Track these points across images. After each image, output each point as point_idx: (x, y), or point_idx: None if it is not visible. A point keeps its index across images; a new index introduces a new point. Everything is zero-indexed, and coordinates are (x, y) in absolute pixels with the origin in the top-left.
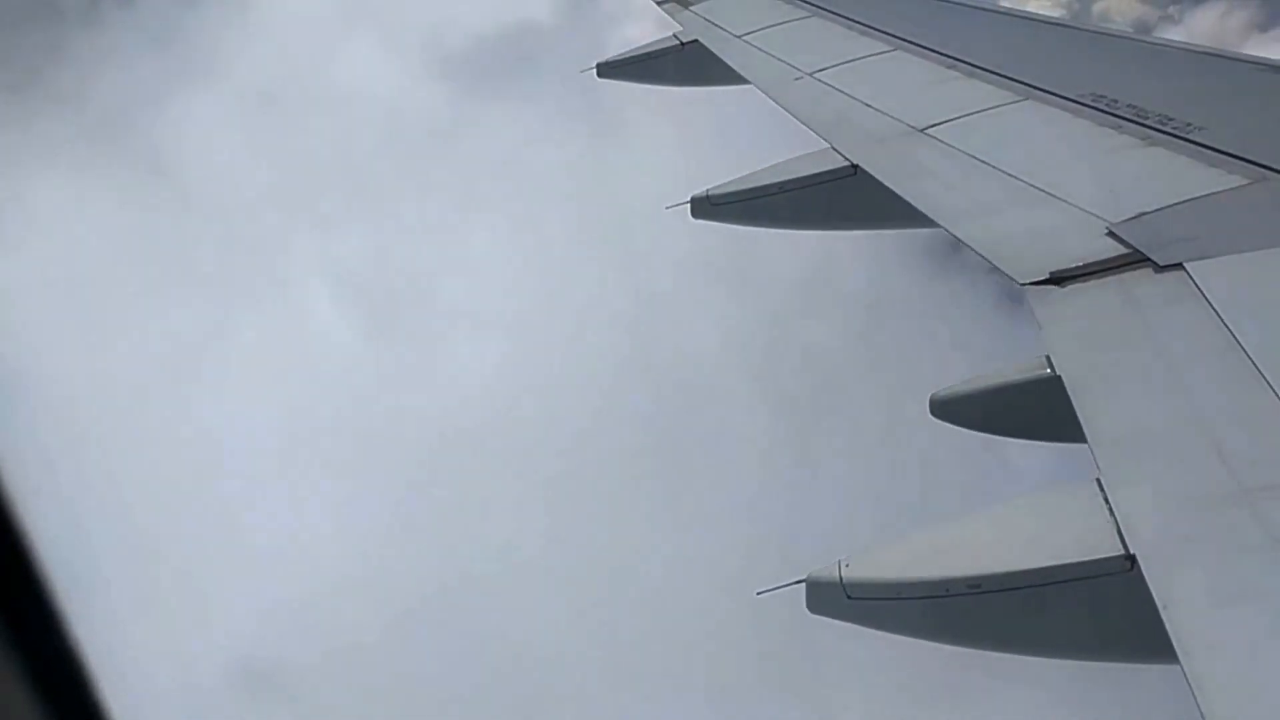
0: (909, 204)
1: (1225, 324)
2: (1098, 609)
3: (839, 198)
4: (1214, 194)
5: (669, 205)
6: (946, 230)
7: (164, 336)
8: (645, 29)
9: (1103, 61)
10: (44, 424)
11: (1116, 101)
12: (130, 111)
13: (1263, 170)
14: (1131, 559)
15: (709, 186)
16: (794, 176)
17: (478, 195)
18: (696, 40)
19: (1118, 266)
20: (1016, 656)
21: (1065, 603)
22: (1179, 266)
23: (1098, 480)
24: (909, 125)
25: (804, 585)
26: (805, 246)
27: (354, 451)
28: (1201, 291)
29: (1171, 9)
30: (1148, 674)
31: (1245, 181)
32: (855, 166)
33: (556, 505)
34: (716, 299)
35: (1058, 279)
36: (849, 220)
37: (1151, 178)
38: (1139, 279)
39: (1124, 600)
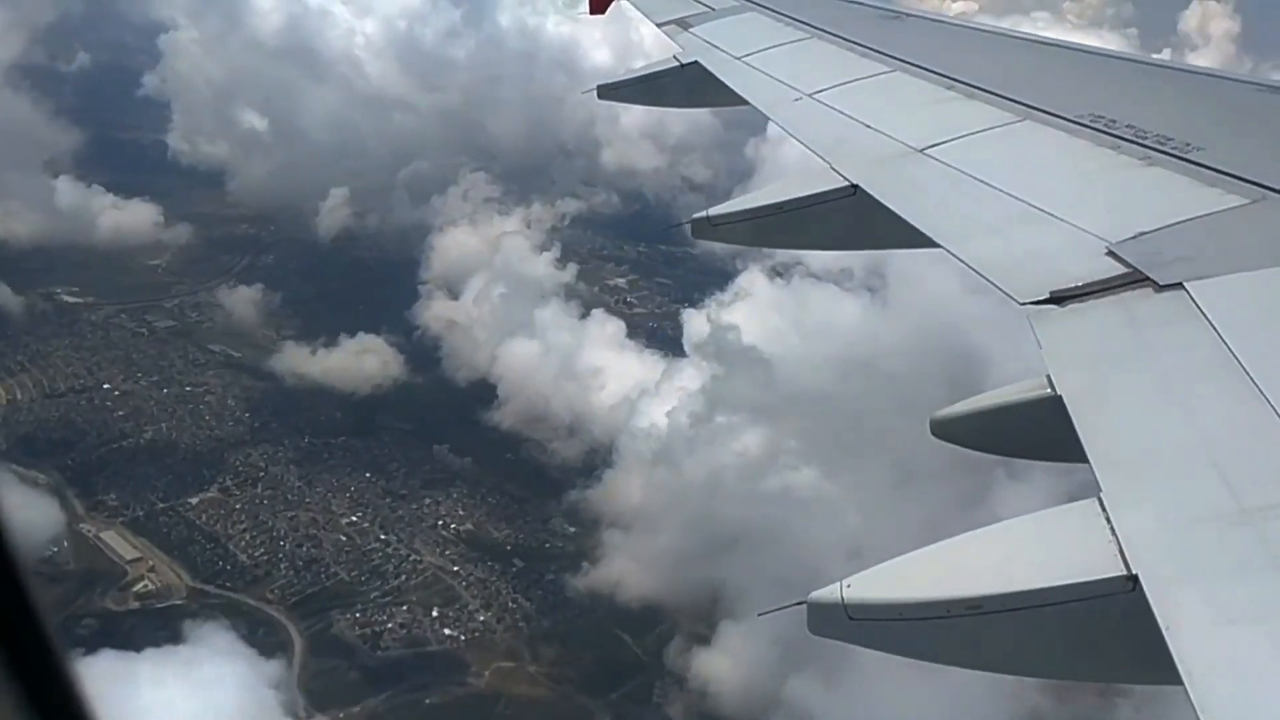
0: (908, 224)
1: (1225, 343)
2: (1100, 630)
3: (838, 218)
4: (1213, 213)
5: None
6: (946, 250)
7: None
8: None
9: (1101, 82)
10: None
11: (1115, 121)
12: None
13: (1262, 190)
14: (1134, 579)
15: (710, 207)
16: (794, 196)
17: None
18: (696, 61)
19: (1118, 286)
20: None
21: (1067, 623)
22: (1179, 286)
23: (1099, 500)
24: (908, 145)
25: (805, 606)
26: None
27: None
28: (1202, 311)
29: None
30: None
31: (1245, 201)
32: (855, 186)
33: None
34: None
35: (1057, 298)
36: (848, 240)
37: (1151, 197)
38: (1139, 298)
39: (1126, 621)
